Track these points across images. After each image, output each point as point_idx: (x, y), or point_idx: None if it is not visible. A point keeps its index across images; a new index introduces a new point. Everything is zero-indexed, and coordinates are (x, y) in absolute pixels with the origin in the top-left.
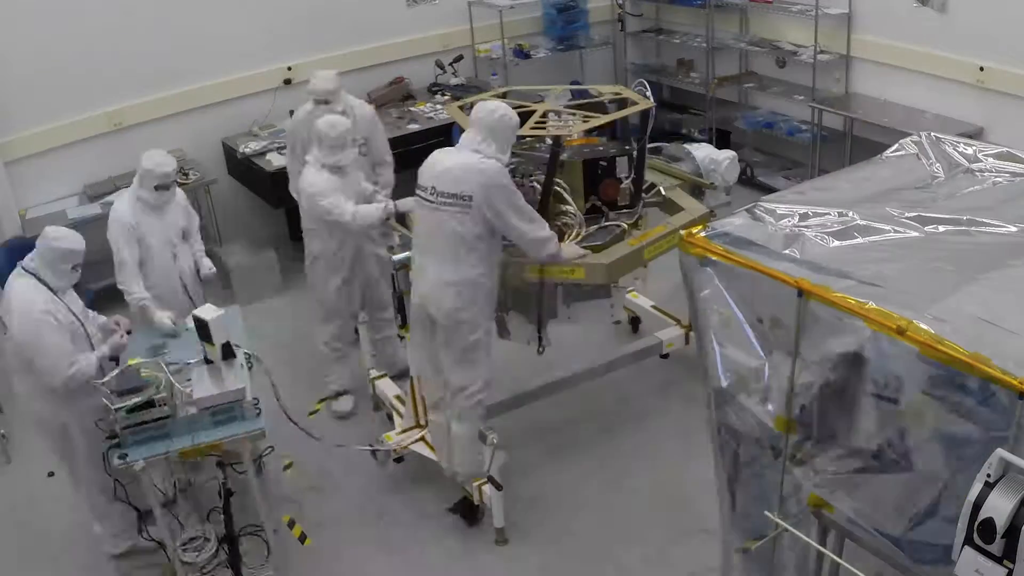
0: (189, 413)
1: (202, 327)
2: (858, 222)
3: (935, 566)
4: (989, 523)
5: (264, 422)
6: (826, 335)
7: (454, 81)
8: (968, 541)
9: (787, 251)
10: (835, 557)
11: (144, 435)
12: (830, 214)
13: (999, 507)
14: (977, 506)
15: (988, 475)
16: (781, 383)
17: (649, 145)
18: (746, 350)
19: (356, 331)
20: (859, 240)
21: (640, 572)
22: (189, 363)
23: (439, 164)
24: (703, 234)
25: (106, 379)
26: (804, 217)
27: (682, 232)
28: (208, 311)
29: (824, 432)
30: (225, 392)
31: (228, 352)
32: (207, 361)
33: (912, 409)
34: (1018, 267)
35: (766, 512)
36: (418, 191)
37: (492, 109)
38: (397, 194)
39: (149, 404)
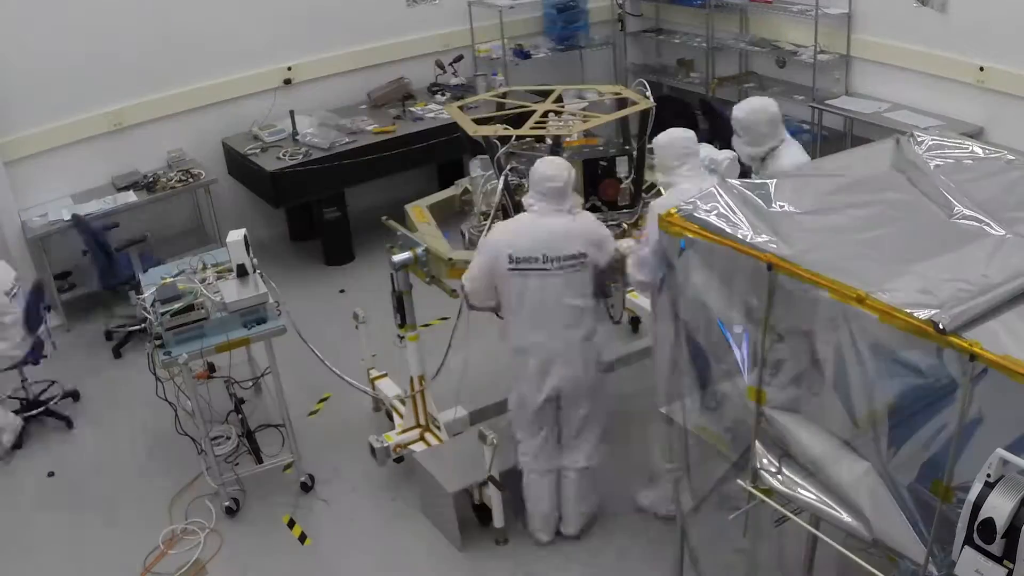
0: (221, 316)
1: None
2: (829, 205)
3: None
4: (989, 523)
5: (283, 322)
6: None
7: (454, 81)
8: (968, 541)
9: (762, 229)
10: (809, 527)
11: (184, 335)
12: (811, 194)
13: (999, 507)
14: (977, 506)
15: (988, 475)
16: (755, 356)
17: (649, 145)
18: (719, 322)
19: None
20: (828, 219)
21: (641, 571)
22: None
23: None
24: (681, 214)
25: (145, 295)
26: (783, 196)
27: (660, 213)
28: (232, 235)
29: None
30: (252, 296)
31: (242, 271)
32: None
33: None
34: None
35: (739, 481)
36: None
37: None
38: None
39: (189, 308)
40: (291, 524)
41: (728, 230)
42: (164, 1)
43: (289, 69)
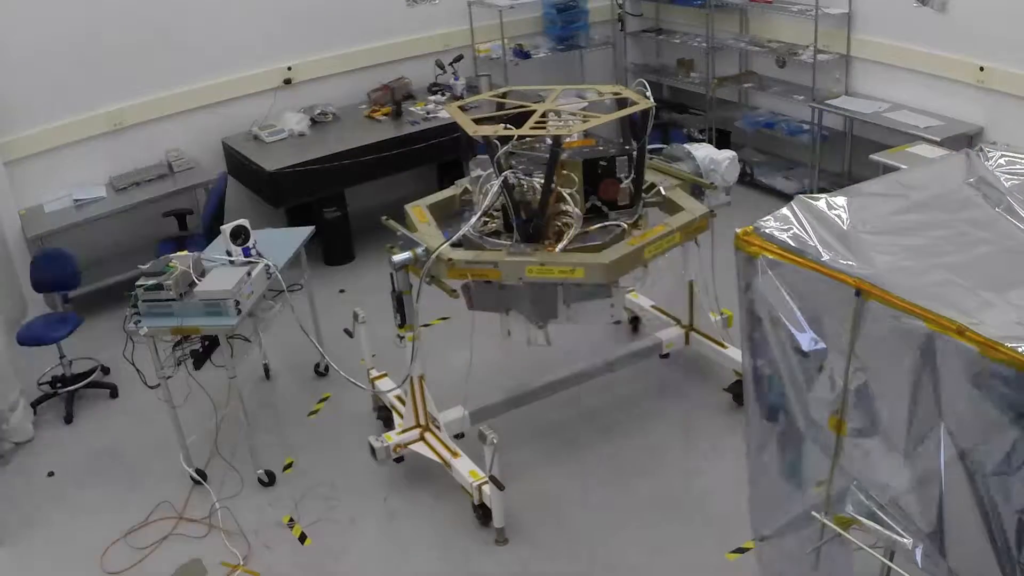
0: (192, 301)
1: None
2: (907, 225)
3: None
4: None
5: (236, 320)
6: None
7: (455, 82)
8: None
9: (843, 251)
10: (886, 561)
11: (153, 311)
12: (887, 213)
13: None
14: None
15: None
16: (836, 383)
17: (649, 146)
18: (799, 351)
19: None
20: (908, 240)
21: (641, 571)
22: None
23: None
24: (758, 233)
25: (147, 265)
26: (859, 215)
27: (737, 231)
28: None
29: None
30: (217, 290)
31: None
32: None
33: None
34: None
35: (814, 513)
36: None
37: None
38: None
39: (158, 287)
40: (291, 524)
41: (809, 252)
42: (164, 2)
43: (289, 69)
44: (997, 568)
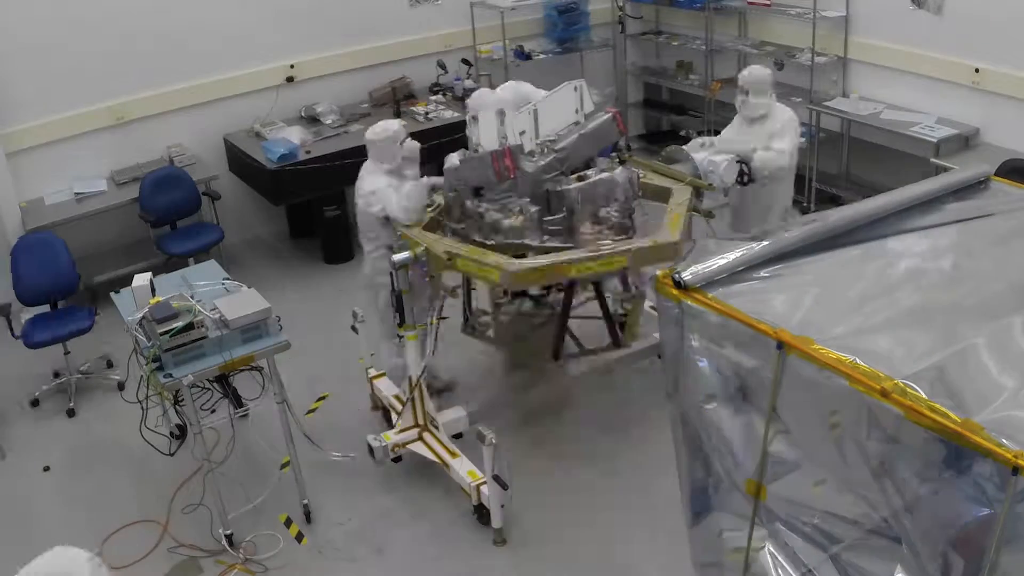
0: (221, 334)
1: None
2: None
3: None
4: None
5: (284, 337)
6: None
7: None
8: None
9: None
10: None
11: (184, 356)
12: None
13: None
14: None
15: None
16: (755, 445)
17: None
18: (717, 403)
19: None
20: (851, 289)
21: (639, 571)
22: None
23: None
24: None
25: (141, 313)
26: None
27: (658, 273)
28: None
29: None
30: (255, 312)
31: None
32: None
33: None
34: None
35: None
36: None
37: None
38: None
39: (189, 327)
40: (288, 523)
41: (733, 299)
42: None
43: (292, 67)
44: None
